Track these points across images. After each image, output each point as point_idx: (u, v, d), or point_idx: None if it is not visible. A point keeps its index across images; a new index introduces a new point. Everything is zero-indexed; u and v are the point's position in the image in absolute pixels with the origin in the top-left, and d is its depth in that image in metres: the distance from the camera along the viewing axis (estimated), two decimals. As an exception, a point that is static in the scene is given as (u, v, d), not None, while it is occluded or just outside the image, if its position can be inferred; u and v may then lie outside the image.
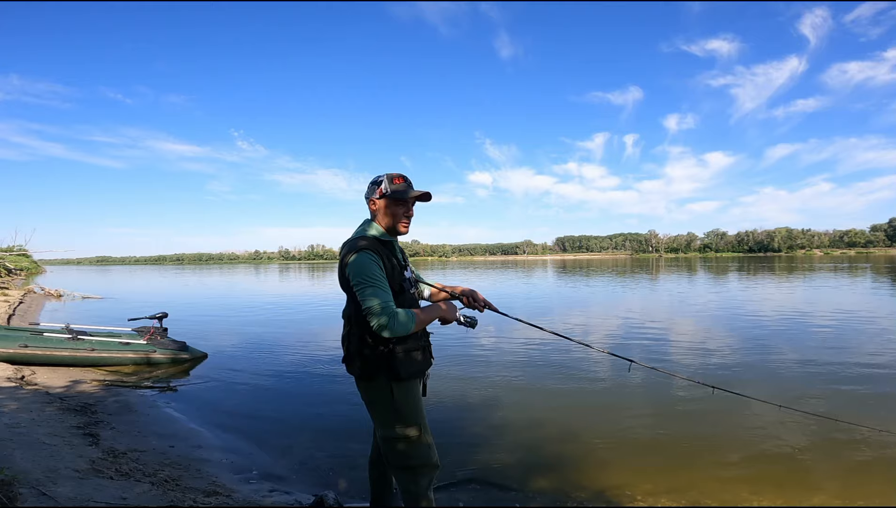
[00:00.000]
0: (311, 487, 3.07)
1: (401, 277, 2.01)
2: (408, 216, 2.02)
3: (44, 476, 2.62)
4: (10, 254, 33.26)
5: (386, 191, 1.96)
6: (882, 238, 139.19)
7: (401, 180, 1.98)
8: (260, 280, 33.23)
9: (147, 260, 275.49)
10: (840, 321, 9.46)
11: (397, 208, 1.98)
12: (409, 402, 1.97)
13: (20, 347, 5.98)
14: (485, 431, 4.08)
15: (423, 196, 2.01)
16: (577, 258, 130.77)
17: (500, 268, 53.31)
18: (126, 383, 5.63)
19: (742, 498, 2.94)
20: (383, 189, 1.97)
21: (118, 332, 6.82)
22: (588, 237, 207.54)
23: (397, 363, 1.92)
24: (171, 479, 2.95)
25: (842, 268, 34.02)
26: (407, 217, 2.01)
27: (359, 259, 1.84)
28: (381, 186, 1.97)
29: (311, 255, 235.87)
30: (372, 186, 2.01)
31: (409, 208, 2.02)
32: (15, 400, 4.39)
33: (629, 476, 3.24)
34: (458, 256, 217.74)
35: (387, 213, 1.99)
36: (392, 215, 1.99)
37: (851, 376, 5.52)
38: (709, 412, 4.47)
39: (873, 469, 3.32)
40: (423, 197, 2.02)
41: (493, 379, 5.68)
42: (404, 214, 2.00)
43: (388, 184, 1.97)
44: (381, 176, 1.99)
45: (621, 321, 10.21)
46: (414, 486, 1.99)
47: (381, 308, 1.78)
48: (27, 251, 39.16)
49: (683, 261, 78.62)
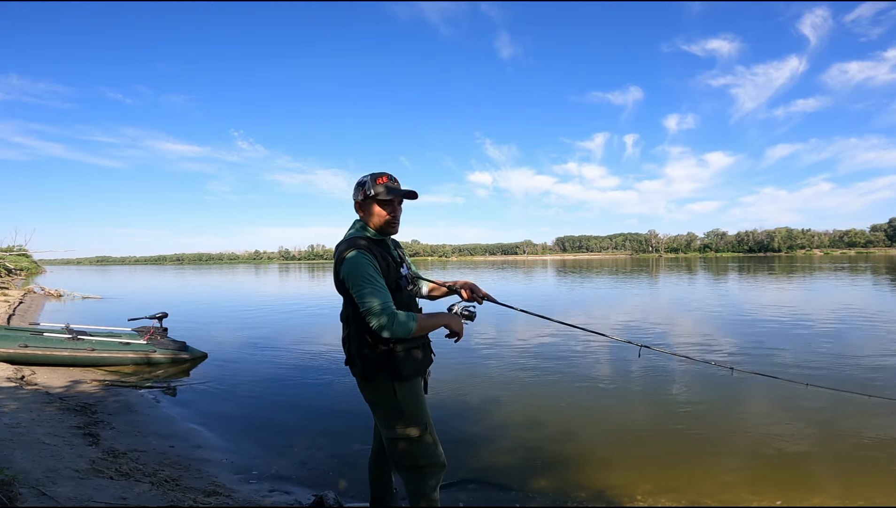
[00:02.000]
0: (311, 487, 3.06)
1: (396, 274, 1.98)
2: (394, 215, 1.99)
3: (44, 476, 2.62)
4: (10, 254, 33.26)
5: (369, 192, 1.95)
6: (882, 238, 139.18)
7: (385, 180, 1.97)
8: (260, 280, 33.23)
9: (147, 260, 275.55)
10: (844, 318, 9.47)
11: (383, 208, 1.97)
12: (413, 401, 1.96)
13: (20, 347, 5.98)
14: (485, 431, 4.08)
15: (409, 194, 1.99)
16: (577, 258, 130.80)
17: (500, 268, 53.32)
18: (126, 383, 5.64)
19: (742, 498, 2.94)
20: (367, 190, 1.96)
21: (118, 332, 6.82)
22: (588, 237, 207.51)
23: (398, 363, 1.90)
24: (171, 479, 2.95)
25: (842, 268, 34.03)
26: (393, 216, 1.99)
27: (353, 259, 1.83)
28: (365, 188, 1.96)
29: (311, 255, 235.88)
30: (357, 187, 2.00)
31: (395, 207, 1.99)
32: (15, 400, 4.39)
33: (629, 476, 3.24)
34: (458, 256, 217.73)
35: (373, 213, 1.98)
36: (378, 215, 1.97)
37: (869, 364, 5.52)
38: (709, 413, 4.47)
39: (874, 469, 3.31)
40: (409, 195, 2.00)
41: (492, 379, 5.69)
42: (390, 213, 1.98)
43: (372, 184, 1.95)
44: (366, 177, 1.98)
45: (626, 317, 10.21)
46: (421, 486, 1.98)
47: (381, 309, 1.76)
48: (27, 251, 39.16)
49: (683, 261, 78.64)
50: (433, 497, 2.01)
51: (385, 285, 1.85)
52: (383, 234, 2.02)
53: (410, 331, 1.80)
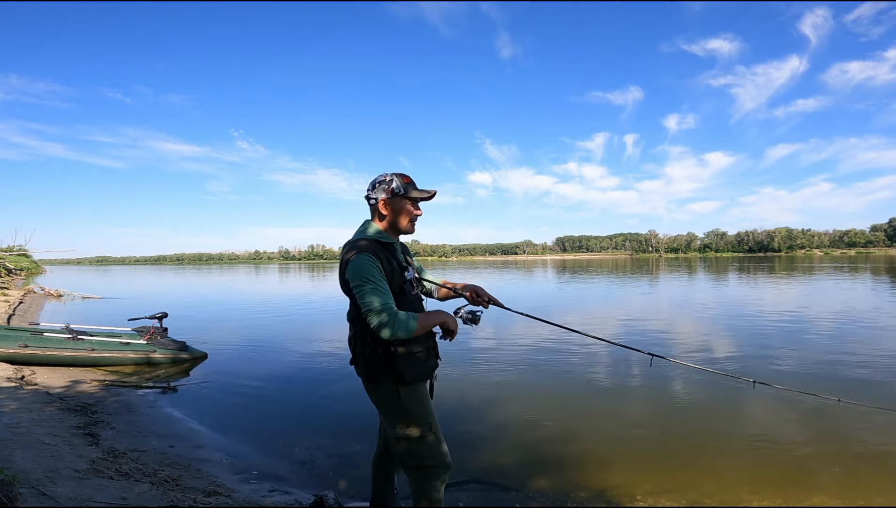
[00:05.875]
0: (311, 487, 3.06)
1: (401, 278, 1.97)
2: (416, 215, 2.01)
3: (44, 476, 2.62)
4: (10, 254, 33.23)
5: (398, 190, 1.94)
6: (882, 238, 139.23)
7: (409, 180, 1.98)
8: (260, 280, 33.23)
9: (147, 260, 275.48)
10: (845, 319, 9.46)
11: (408, 208, 1.98)
12: (417, 403, 1.95)
13: (20, 347, 5.98)
14: (485, 431, 4.08)
15: (433, 195, 2.02)
16: (577, 258, 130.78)
17: (500, 268, 53.30)
18: (126, 383, 5.63)
19: (742, 498, 2.94)
20: (395, 188, 1.94)
21: (118, 332, 6.82)
22: (588, 237, 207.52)
23: (401, 366, 1.88)
24: (171, 479, 2.95)
25: (842, 268, 34.01)
26: (416, 216, 2.01)
27: (357, 261, 1.83)
28: (393, 185, 1.94)
29: (311, 255, 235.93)
30: (379, 184, 1.97)
31: (417, 206, 2.02)
32: (15, 400, 4.39)
33: (629, 476, 3.24)
34: (458, 256, 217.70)
35: (399, 211, 1.97)
36: (402, 214, 1.97)
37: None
38: (709, 413, 4.47)
39: (875, 469, 3.31)
40: (432, 196, 2.02)
41: (492, 379, 5.69)
42: (413, 212, 2.00)
43: (400, 183, 1.95)
44: (388, 175, 1.97)
45: (631, 319, 10.21)
46: (426, 486, 1.99)
47: (380, 310, 1.76)
48: (27, 251, 39.13)
49: (683, 261, 78.62)
50: (436, 498, 2.01)
51: (388, 287, 1.85)
52: (397, 234, 2.02)
53: (411, 331, 1.79)
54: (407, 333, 1.79)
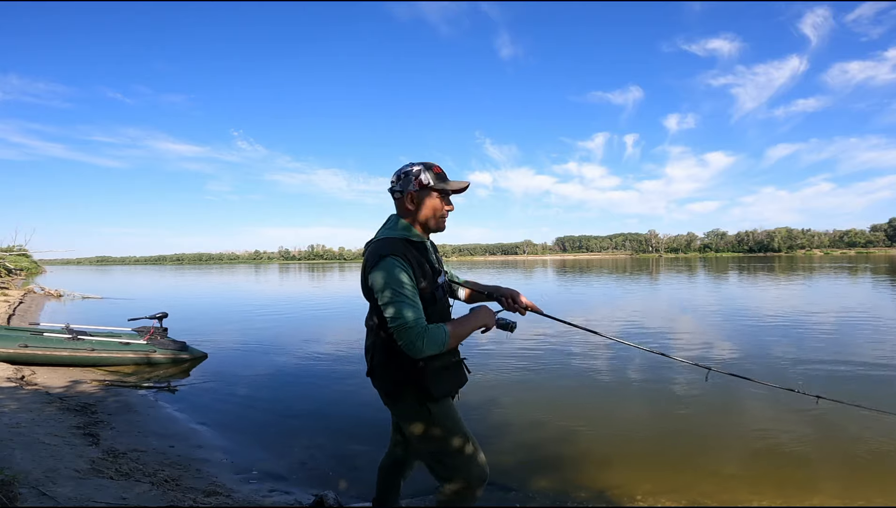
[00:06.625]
0: (311, 487, 3.06)
1: (433, 284, 1.74)
2: (448, 211, 1.79)
3: (44, 476, 2.62)
4: (10, 254, 33.20)
5: (429, 182, 1.71)
6: (882, 238, 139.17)
7: (440, 170, 1.76)
8: (260, 280, 33.22)
9: (147, 260, 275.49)
10: (844, 318, 9.46)
11: (440, 202, 1.76)
12: (448, 416, 1.76)
13: (20, 347, 5.98)
14: (485, 431, 4.07)
15: (465, 187, 1.79)
16: (578, 258, 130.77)
17: (501, 268, 53.29)
18: (126, 383, 5.63)
19: (742, 498, 2.94)
20: (424, 180, 1.71)
21: (118, 332, 6.82)
22: (588, 237, 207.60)
23: (428, 382, 1.68)
24: (171, 479, 2.95)
25: (843, 268, 34.00)
26: (447, 212, 1.79)
27: (385, 266, 1.60)
28: (422, 177, 1.71)
29: (311, 255, 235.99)
30: (405, 176, 1.73)
31: (449, 201, 1.79)
32: (15, 400, 4.39)
33: (629, 476, 3.23)
34: (459, 256, 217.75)
35: (427, 207, 1.74)
36: (436, 208, 1.75)
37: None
38: (709, 413, 4.47)
39: (875, 469, 3.31)
40: (465, 188, 1.80)
41: (492, 379, 5.68)
42: (444, 208, 1.78)
43: (431, 174, 1.72)
44: (417, 165, 1.74)
45: (640, 319, 10.21)
46: (460, 501, 1.78)
47: (411, 325, 1.55)
48: (27, 251, 39.08)
49: (683, 261, 78.61)
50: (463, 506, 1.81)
51: (419, 297, 1.63)
52: (432, 231, 1.81)
53: (444, 346, 1.60)
54: (439, 349, 1.59)
